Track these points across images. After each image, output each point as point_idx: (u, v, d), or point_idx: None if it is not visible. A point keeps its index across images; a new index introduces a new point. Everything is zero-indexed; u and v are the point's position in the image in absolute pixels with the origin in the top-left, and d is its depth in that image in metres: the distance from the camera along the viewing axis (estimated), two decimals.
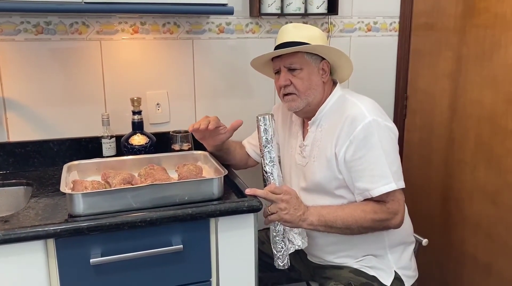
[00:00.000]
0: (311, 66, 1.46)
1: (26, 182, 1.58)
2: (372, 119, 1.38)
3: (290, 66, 1.45)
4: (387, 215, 1.39)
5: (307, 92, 1.46)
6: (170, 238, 1.30)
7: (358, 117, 1.39)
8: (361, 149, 1.37)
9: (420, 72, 2.09)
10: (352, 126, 1.38)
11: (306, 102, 1.47)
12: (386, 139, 1.39)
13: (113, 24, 1.75)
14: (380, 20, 2.11)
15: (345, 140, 1.39)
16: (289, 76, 1.46)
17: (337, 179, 1.45)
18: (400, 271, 1.50)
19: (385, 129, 1.40)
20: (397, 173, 1.40)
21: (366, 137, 1.37)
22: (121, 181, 1.37)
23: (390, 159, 1.38)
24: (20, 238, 1.15)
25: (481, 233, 1.80)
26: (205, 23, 1.85)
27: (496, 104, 1.69)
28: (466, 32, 1.81)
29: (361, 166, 1.38)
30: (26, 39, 1.66)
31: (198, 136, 1.60)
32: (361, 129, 1.37)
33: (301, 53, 1.45)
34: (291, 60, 1.45)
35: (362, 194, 1.40)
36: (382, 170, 1.37)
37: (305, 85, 1.45)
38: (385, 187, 1.36)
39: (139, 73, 1.81)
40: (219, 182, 1.37)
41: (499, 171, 1.70)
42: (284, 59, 1.46)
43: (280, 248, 1.41)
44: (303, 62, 1.45)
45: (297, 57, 1.45)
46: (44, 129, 1.73)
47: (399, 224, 1.42)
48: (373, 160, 1.37)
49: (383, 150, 1.37)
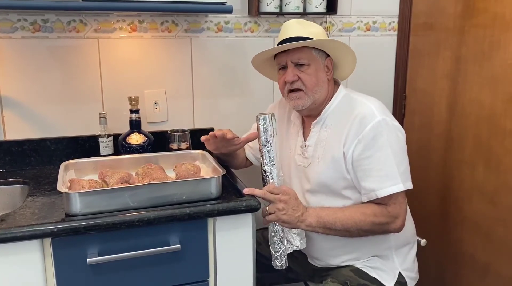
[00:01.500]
0: (318, 62, 1.44)
1: (22, 180, 1.57)
2: (381, 118, 1.36)
3: (298, 61, 1.43)
4: (387, 219, 1.37)
5: (315, 88, 1.43)
6: (168, 237, 1.29)
7: (367, 116, 1.37)
8: (369, 148, 1.35)
9: (419, 72, 2.08)
10: (362, 125, 1.36)
11: (312, 99, 1.44)
12: (395, 139, 1.38)
13: (111, 22, 1.74)
14: (379, 20, 2.10)
15: (353, 139, 1.37)
16: (296, 71, 1.43)
17: (345, 179, 1.42)
18: (405, 273, 1.49)
19: (394, 129, 1.39)
20: (405, 174, 1.39)
21: (375, 137, 1.35)
22: (118, 180, 1.37)
23: (398, 159, 1.36)
24: (17, 238, 1.14)
25: (479, 233, 1.80)
26: (203, 22, 1.85)
27: (495, 104, 1.69)
28: (465, 32, 1.80)
29: (368, 166, 1.36)
30: (23, 37, 1.65)
31: (212, 146, 1.57)
32: (370, 128, 1.35)
33: (308, 48, 1.42)
34: (299, 55, 1.42)
35: (367, 194, 1.38)
36: (390, 170, 1.35)
37: (313, 81, 1.43)
38: (393, 188, 1.34)
39: (137, 72, 1.80)
40: (217, 182, 1.36)
41: (498, 171, 1.69)
42: (291, 54, 1.43)
43: (278, 249, 1.40)
44: (310, 57, 1.43)
45: (304, 52, 1.42)
46: (41, 128, 1.72)
47: (400, 228, 1.40)
48: (382, 160, 1.35)
49: (392, 150, 1.35)
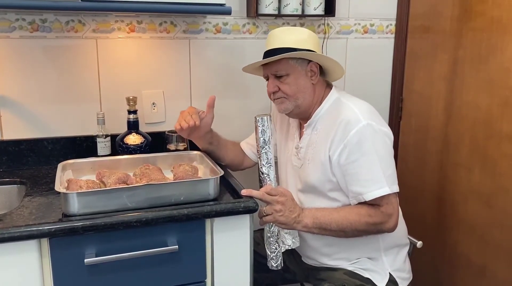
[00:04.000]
0: (297, 70, 1.47)
1: (19, 180, 1.57)
2: (366, 123, 1.38)
3: (276, 73, 1.47)
4: (381, 218, 1.39)
5: (296, 95, 1.47)
6: (165, 238, 1.29)
7: (352, 121, 1.39)
8: (354, 153, 1.38)
9: (416, 75, 2.09)
10: (346, 130, 1.39)
11: (294, 104, 1.48)
12: (380, 144, 1.40)
13: (110, 22, 1.74)
14: (376, 22, 2.11)
15: (339, 144, 1.40)
16: (276, 82, 1.48)
17: (331, 182, 1.45)
18: (395, 273, 1.51)
19: (380, 134, 1.41)
20: (391, 177, 1.41)
21: (359, 142, 1.37)
22: (116, 181, 1.36)
23: (384, 163, 1.39)
24: (14, 238, 1.14)
25: (475, 236, 1.81)
26: (202, 23, 1.85)
27: (492, 107, 1.70)
28: (462, 35, 1.81)
29: (354, 170, 1.39)
30: (21, 36, 1.65)
31: (185, 134, 1.56)
32: (355, 133, 1.37)
33: (286, 59, 1.45)
34: (276, 67, 1.47)
35: (356, 197, 1.41)
36: (375, 175, 1.37)
37: (292, 90, 1.47)
38: (379, 191, 1.37)
39: (135, 72, 1.80)
40: (215, 183, 1.36)
41: (494, 174, 1.71)
42: (270, 67, 1.48)
43: (274, 249, 1.41)
44: (288, 68, 1.46)
45: (281, 63, 1.46)
46: (38, 127, 1.72)
47: (393, 227, 1.42)
48: (367, 164, 1.38)
49: (377, 155, 1.38)
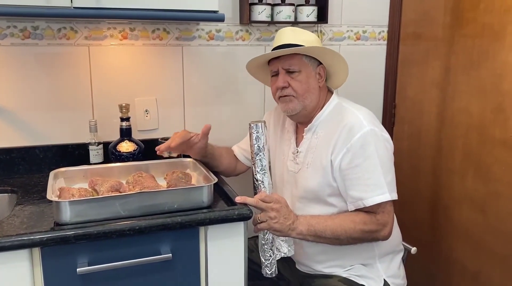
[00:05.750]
0: (309, 69, 1.47)
1: (10, 189, 1.55)
2: (370, 128, 1.39)
3: (289, 68, 1.46)
4: (376, 227, 1.39)
5: (305, 94, 1.46)
6: (159, 246, 1.28)
7: (356, 126, 1.39)
8: (358, 157, 1.38)
9: (409, 81, 2.10)
10: (350, 134, 1.39)
11: (303, 105, 1.47)
12: (383, 149, 1.40)
13: (102, 29, 1.73)
14: (369, 29, 2.13)
15: (341, 148, 1.40)
16: (287, 78, 1.46)
17: (331, 186, 1.45)
18: (390, 280, 1.50)
19: (382, 140, 1.41)
20: (391, 184, 1.41)
21: (363, 146, 1.37)
22: (109, 189, 1.35)
23: (385, 169, 1.39)
24: (5, 247, 1.12)
25: (469, 241, 1.81)
26: (195, 30, 1.85)
27: (484, 113, 1.71)
28: (454, 41, 1.83)
29: (356, 175, 1.38)
30: (13, 43, 1.64)
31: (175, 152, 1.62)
32: (358, 138, 1.37)
33: (300, 55, 1.45)
34: (290, 62, 1.45)
35: (354, 203, 1.40)
36: (377, 180, 1.37)
37: (303, 88, 1.46)
38: (380, 197, 1.37)
39: (128, 79, 1.80)
40: (208, 190, 1.35)
41: (487, 180, 1.71)
42: (283, 61, 1.46)
43: (269, 257, 1.40)
44: (301, 64, 1.46)
45: (295, 59, 1.45)
46: (29, 135, 1.70)
47: (387, 236, 1.42)
48: (370, 169, 1.37)
49: (379, 160, 1.38)
